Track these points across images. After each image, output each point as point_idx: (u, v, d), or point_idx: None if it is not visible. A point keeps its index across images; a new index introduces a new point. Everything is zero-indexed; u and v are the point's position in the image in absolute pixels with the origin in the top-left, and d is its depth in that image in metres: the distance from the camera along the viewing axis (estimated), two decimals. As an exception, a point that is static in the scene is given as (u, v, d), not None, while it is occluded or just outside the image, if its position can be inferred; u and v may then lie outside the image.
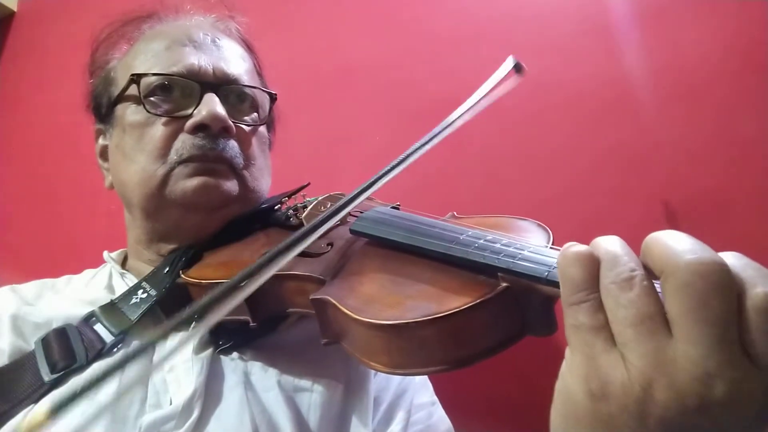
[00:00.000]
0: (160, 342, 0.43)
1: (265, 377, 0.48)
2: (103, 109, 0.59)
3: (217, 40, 0.59)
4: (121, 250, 0.64)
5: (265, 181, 0.60)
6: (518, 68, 0.49)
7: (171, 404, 0.43)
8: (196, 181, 0.52)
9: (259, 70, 0.65)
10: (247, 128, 0.58)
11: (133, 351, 0.28)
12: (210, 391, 0.45)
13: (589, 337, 0.25)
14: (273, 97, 0.63)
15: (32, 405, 0.43)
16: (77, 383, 0.44)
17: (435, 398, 0.57)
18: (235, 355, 0.49)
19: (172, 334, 0.42)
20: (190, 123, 0.52)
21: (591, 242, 0.27)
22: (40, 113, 1.34)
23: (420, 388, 0.56)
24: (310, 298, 0.39)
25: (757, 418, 0.22)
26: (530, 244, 0.34)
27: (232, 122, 0.54)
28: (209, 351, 0.48)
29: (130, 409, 0.43)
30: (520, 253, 0.32)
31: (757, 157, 0.66)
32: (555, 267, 0.28)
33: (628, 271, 0.24)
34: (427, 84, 0.88)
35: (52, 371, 0.44)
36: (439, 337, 0.32)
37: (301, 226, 0.53)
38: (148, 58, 0.56)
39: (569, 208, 0.74)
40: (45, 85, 1.35)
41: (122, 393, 0.26)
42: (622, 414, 0.23)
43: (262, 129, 0.62)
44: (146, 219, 0.55)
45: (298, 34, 1.04)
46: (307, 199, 0.60)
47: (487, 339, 0.32)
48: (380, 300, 0.35)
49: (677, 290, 0.23)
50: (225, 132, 0.54)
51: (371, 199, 0.55)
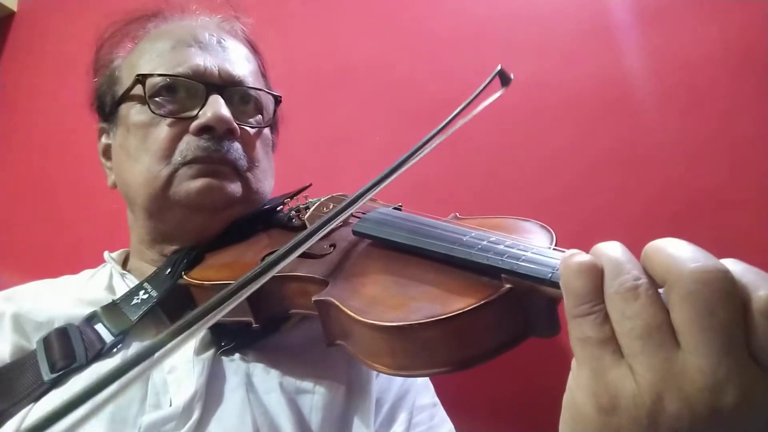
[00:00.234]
0: (162, 348, 0.43)
1: (267, 379, 0.48)
2: (107, 108, 0.59)
3: (222, 41, 0.59)
4: (122, 251, 0.63)
5: (268, 183, 0.60)
6: (505, 80, 0.49)
7: (171, 405, 0.43)
8: (199, 183, 0.52)
9: (264, 72, 0.65)
10: (252, 130, 0.58)
11: (132, 360, 0.28)
12: (211, 392, 0.45)
13: (596, 351, 0.24)
14: (277, 99, 0.63)
15: (32, 404, 0.43)
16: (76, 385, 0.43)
17: (437, 400, 0.57)
18: (237, 356, 0.49)
19: (177, 337, 0.42)
20: (195, 125, 0.52)
21: (592, 249, 0.27)
22: (40, 113, 1.33)
23: (422, 389, 0.56)
24: (313, 299, 0.39)
25: None
26: (533, 246, 0.33)
27: (237, 124, 0.54)
28: (211, 352, 0.48)
29: (129, 409, 0.42)
30: (524, 255, 0.32)
31: (758, 158, 0.66)
32: (558, 268, 0.28)
33: (631, 280, 0.24)
34: (428, 84, 0.89)
35: (52, 371, 0.44)
36: (443, 339, 0.32)
37: (303, 227, 0.53)
38: (153, 57, 0.56)
39: (570, 208, 0.74)
40: (45, 85, 1.35)
41: (121, 390, 0.26)
42: (632, 427, 0.23)
43: (266, 131, 0.62)
44: (149, 219, 0.55)
45: (298, 35, 1.04)
46: (310, 200, 0.60)
47: (491, 340, 0.32)
48: (384, 301, 0.35)
49: (682, 299, 0.22)
50: (229, 134, 0.54)
51: (373, 200, 0.55)
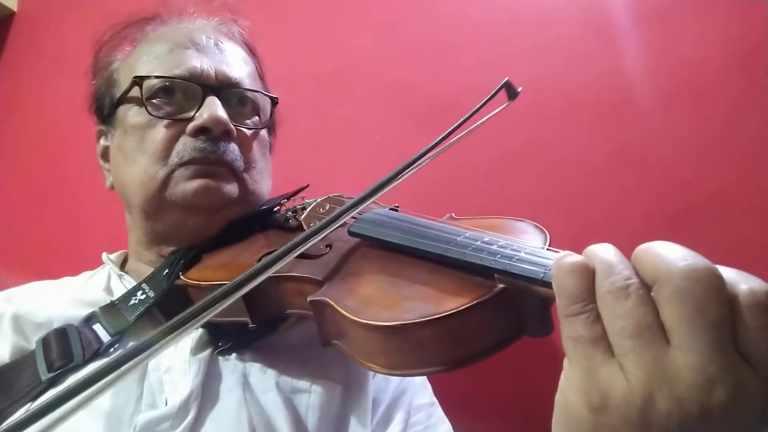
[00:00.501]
0: (156, 346, 0.43)
1: (264, 378, 0.48)
2: (105, 110, 0.60)
3: (219, 43, 0.59)
4: (121, 252, 0.64)
5: (265, 184, 0.61)
6: (512, 93, 0.49)
7: (167, 404, 0.43)
8: (196, 183, 0.52)
9: (261, 74, 0.66)
10: (248, 131, 0.58)
11: (123, 356, 0.28)
12: (207, 392, 0.45)
13: (588, 350, 0.25)
14: (274, 101, 0.63)
15: (30, 403, 0.44)
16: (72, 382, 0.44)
17: (434, 399, 0.57)
18: (234, 356, 0.49)
19: (171, 336, 0.43)
20: (191, 126, 0.53)
21: (584, 251, 0.27)
22: (40, 113, 1.34)
23: (419, 389, 0.56)
24: (309, 299, 0.39)
25: (759, 419, 0.22)
26: (527, 246, 0.34)
27: (234, 125, 0.55)
28: (207, 352, 0.48)
29: (125, 408, 0.43)
30: (517, 255, 0.32)
31: (761, 159, 0.65)
32: (551, 269, 0.29)
33: (622, 280, 0.24)
34: (427, 85, 0.89)
35: (49, 370, 0.45)
36: (437, 338, 0.32)
37: (300, 228, 0.54)
38: (151, 60, 0.56)
39: (569, 210, 0.74)
40: (45, 85, 1.35)
41: (111, 384, 0.26)
42: (624, 426, 0.23)
43: (263, 132, 0.62)
44: (146, 220, 0.56)
45: (297, 35, 1.04)
46: (306, 200, 0.60)
47: (484, 340, 0.32)
48: (378, 301, 0.35)
49: (672, 297, 0.23)
50: (226, 135, 0.54)
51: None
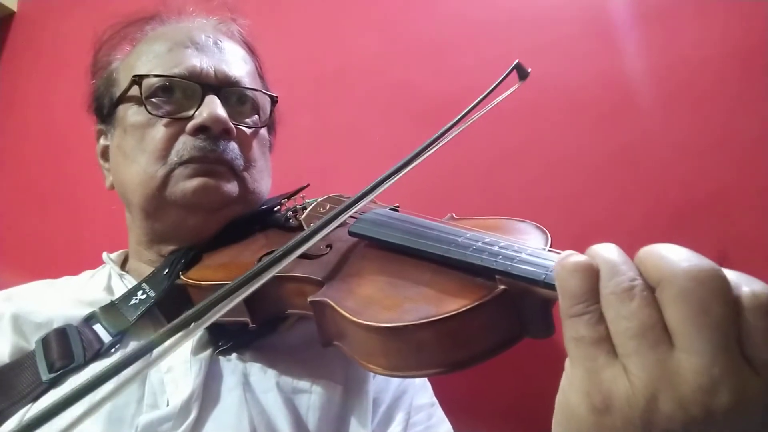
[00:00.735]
0: (158, 347, 0.43)
1: (264, 378, 0.48)
2: (105, 110, 0.60)
3: (219, 42, 0.59)
4: (121, 251, 0.64)
5: (265, 183, 0.61)
6: (522, 74, 0.49)
7: (168, 405, 0.43)
8: (196, 182, 0.52)
9: (261, 73, 0.66)
10: (248, 130, 0.58)
11: (127, 358, 0.28)
12: (208, 392, 0.45)
13: (591, 350, 0.24)
14: (274, 100, 0.63)
15: (31, 403, 0.43)
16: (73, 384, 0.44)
17: (434, 399, 0.57)
18: (234, 356, 0.49)
19: (172, 336, 0.43)
20: (191, 125, 0.53)
21: (587, 251, 0.27)
22: (40, 113, 1.34)
23: (419, 389, 0.56)
24: (309, 300, 0.39)
25: (761, 422, 0.22)
26: (528, 247, 0.33)
27: (233, 124, 0.54)
28: (208, 352, 0.48)
29: (126, 409, 0.43)
30: (518, 256, 0.32)
31: (761, 159, 0.65)
32: (552, 270, 0.28)
33: (627, 281, 0.24)
34: (427, 84, 0.88)
35: (50, 370, 0.44)
36: (437, 340, 0.32)
37: (300, 228, 0.53)
38: (150, 59, 0.56)
39: (569, 210, 0.74)
40: (45, 85, 1.35)
41: (116, 389, 0.26)
42: (626, 428, 0.23)
43: (263, 131, 0.62)
44: (146, 220, 0.55)
45: (297, 35, 1.04)
46: (306, 200, 0.60)
47: (485, 341, 0.32)
48: (378, 302, 0.35)
49: (676, 298, 0.22)
50: (226, 134, 0.54)
51: (371, 201, 0.55)
